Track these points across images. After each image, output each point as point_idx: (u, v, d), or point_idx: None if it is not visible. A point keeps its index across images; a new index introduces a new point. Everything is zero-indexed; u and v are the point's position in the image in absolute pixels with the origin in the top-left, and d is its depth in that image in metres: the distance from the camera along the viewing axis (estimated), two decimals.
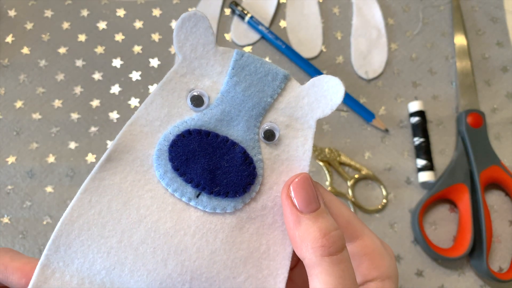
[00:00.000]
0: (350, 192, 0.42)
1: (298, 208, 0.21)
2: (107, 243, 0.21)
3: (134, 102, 0.44)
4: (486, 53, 0.49)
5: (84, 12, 0.47)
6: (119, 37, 0.47)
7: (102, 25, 0.47)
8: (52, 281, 0.20)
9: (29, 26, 0.46)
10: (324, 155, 0.43)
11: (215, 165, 0.22)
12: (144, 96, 0.44)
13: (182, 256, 0.21)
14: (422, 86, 0.47)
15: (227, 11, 0.49)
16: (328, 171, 0.43)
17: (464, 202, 0.41)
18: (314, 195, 0.21)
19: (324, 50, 0.48)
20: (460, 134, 0.44)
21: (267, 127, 0.23)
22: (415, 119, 0.44)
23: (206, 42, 0.22)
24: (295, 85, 0.23)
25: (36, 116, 0.43)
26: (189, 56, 0.22)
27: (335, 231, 0.21)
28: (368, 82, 0.47)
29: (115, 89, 0.45)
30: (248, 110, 0.22)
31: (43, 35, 0.46)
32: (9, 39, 0.45)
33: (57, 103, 0.44)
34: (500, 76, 0.48)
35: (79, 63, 0.45)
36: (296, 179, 0.21)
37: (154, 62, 0.46)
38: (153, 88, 0.45)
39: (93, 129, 0.43)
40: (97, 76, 0.45)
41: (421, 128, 0.44)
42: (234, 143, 0.22)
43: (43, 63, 0.45)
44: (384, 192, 0.43)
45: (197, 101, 0.22)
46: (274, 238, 0.22)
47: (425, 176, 0.42)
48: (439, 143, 0.45)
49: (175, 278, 0.21)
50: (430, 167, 0.43)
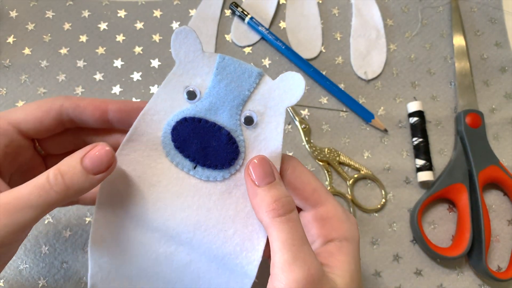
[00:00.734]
0: (349, 191, 0.42)
1: (256, 182, 0.26)
2: (136, 206, 0.28)
3: None
4: (485, 53, 0.49)
5: (85, 13, 0.47)
6: (120, 37, 0.47)
7: (103, 25, 0.47)
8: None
9: (30, 26, 0.46)
10: (324, 155, 0.43)
11: (206, 144, 0.28)
12: (145, 96, 0.45)
13: (186, 212, 0.28)
14: (421, 86, 0.47)
15: (227, 12, 0.49)
16: (328, 171, 0.43)
17: (463, 201, 0.41)
18: (269, 171, 0.26)
19: (323, 50, 0.48)
20: (459, 134, 0.44)
21: (247, 114, 0.28)
22: (414, 119, 0.45)
23: (195, 49, 0.28)
24: (268, 80, 0.29)
25: None
26: (183, 61, 0.28)
27: (284, 197, 0.25)
28: (367, 83, 0.47)
29: (116, 89, 0.45)
30: (230, 101, 0.28)
31: (44, 36, 0.46)
32: (10, 39, 0.46)
33: None
34: (499, 76, 0.48)
35: (80, 63, 0.45)
36: (254, 160, 0.26)
37: (155, 63, 0.46)
38: (154, 88, 0.45)
39: None
40: (98, 76, 0.45)
41: (420, 128, 0.44)
42: (220, 127, 0.28)
43: (44, 63, 0.45)
44: (383, 192, 0.43)
45: (191, 95, 0.28)
46: None
47: (424, 176, 0.43)
48: (438, 143, 0.45)
49: (183, 227, 0.28)
50: (429, 167, 0.43)
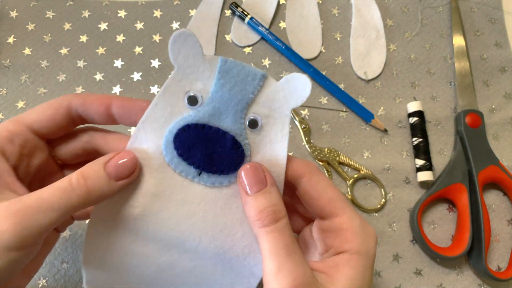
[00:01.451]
0: (349, 191, 0.42)
1: (246, 190, 0.26)
2: (136, 219, 0.27)
3: None
4: (485, 53, 0.49)
5: (86, 13, 0.47)
6: (120, 38, 0.47)
7: (103, 26, 0.47)
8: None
9: (30, 27, 0.46)
10: (324, 155, 0.43)
11: (211, 150, 0.27)
12: (145, 97, 0.45)
13: (191, 219, 0.27)
14: (420, 86, 0.47)
15: (227, 12, 0.49)
16: (328, 171, 0.43)
17: (463, 201, 0.41)
18: (259, 178, 0.26)
19: (323, 51, 0.48)
20: (459, 134, 0.45)
21: (251, 118, 0.28)
22: (413, 119, 0.45)
23: (195, 53, 0.27)
24: (272, 82, 0.28)
25: None
26: (182, 65, 0.27)
27: (271, 207, 0.25)
28: (367, 83, 0.47)
29: (116, 89, 0.45)
30: (234, 105, 0.27)
31: (45, 36, 0.46)
32: (10, 39, 0.46)
33: None
34: (498, 76, 0.48)
35: (80, 63, 0.45)
36: (246, 166, 0.26)
37: (155, 63, 0.46)
38: (154, 88, 0.45)
39: None
40: (98, 76, 0.45)
41: (419, 128, 0.44)
42: (225, 132, 0.27)
43: (44, 63, 0.45)
44: (383, 192, 0.43)
45: (192, 100, 0.27)
46: None
47: (423, 176, 0.43)
48: (438, 143, 0.45)
49: (188, 235, 0.27)
50: (428, 167, 0.43)
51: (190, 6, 0.49)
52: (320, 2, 0.50)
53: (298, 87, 0.27)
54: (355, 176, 0.43)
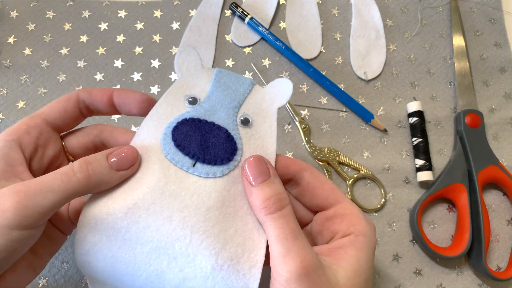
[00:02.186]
0: (349, 191, 0.42)
1: (251, 181, 0.28)
2: (127, 214, 0.26)
3: None
4: (484, 53, 0.49)
5: (86, 13, 0.47)
6: (120, 38, 0.47)
7: (104, 26, 0.47)
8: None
9: (31, 27, 0.46)
10: (323, 155, 0.43)
11: (206, 141, 0.29)
12: None
13: (183, 212, 0.27)
14: (420, 86, 0.47)
15: (228, 12, 0.49)
16: (327, 171, 0.43)
17: (462, 201, 0.41)
18: (263, 170, 0.28)
19: (323, 51, 0.48)
20: (458, 134, 0.45)
21: (243, 116, 0.30)
22: (413, 119, 0.45)
23: (196, 64, 0.32)
24: (259, 88, 0.32)
25: None
26: (185, 74, 0.31)
27: (276, 195, 0.27)
28: (367, 83, 0.47)
29: None
30: (228, 103, 0.30)
31: (45, 36, 0.46)
32: (11, 39, 0.46)
33: None
34: (498, 76, 0.48)
35: (80, 63, 0.46)
36: (250, 159, 0.28)
37: (155, 63, 0.46)
38: (154, 88, 0.45)
39: None
40: (98, 76, 0.45)
41: (419, 128, 0.44)
42: (219, 126, 0.29)
43: (45, 63, 0.45)
44: (382, 192, 0.43)
45: (192, 100, 0.30)
46: None
47: (423, 176, 0.43)
48: (438, 143, 0.45)
49: (179, 231, 0.26)
50: (428, 166, 0.43)
51: (190, 6, 0.49)
52: (320, 2, 0.50)
53: (281, 89, 0.31)
54: (355, 176, 0.43)
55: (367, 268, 0.27)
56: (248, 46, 0.48)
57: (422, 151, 0.44)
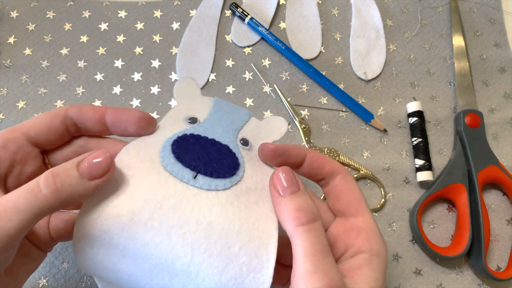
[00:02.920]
0: None
1: (280, 192, 0.26)
2: (123, 229, 0.24)
3: (135, 102, 0.45)
4: (484, 54, 0.49)
5: (86, 13, 0.48)
6: (120, 38, 0.47)
7: (104, 26, 0.47)
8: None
9: (31, 27, 0.47)
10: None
11: (208, 154, 0.27)
12: (145, 97, 0.45)
13: (183, 228, 0.24)
14: (420, 86, 0.47)
15: (228, 13, 0.49)
16: None
17: (462, 201, 0.41)
18: (292, 181, 0.26)
19: (323, 51, 0.48)
20: (458, 134, 0.45)
21: (242, 137, 0.31)
22: (413, 119, 0.45)
23: (195, 91, 0.33)
24: (255, 120, 0.33)
25: None
26: (184, 100, 0.32)
27: (308, 207, 0.25)
28: (367, 83, 0.47)
29: (117, 89, 0.45)
30: (227, 126, 0.31)
31: (45, 36, 0.46)
32: (11, 40, 0.46)
33: (59, 103, 0.44)
34: (498, 76, 0.48)
35: (80, 64, 0.46)
36: (279, 171, 0.27)
37: (155, 63, 0.46)
38: (154, 88, 0.45)
39: None
40: (98, 77, 0.45)
41: (419, 128, 0.44)
42: (220, 143, 0.29)
43: (45, 63, 0.45)
44: (382, 192, 0.43)
45: (192, 120, 0.30)
46: (261, 214, 0.26)
47: (423, 176, 0.43)
48: (437, 143, 0.45)
49: (179, 249, 0.24)
50: (428, 166, 0.43)
51: (191, 7, 0.49)
52: (320, 2, 0.50)
53: (276, 126, 0.33)
54: (355, 176, 0.43)
55: (382, 286, 0.26)
56: (248, 46, 0.48)
57: (422, 151, 0.44)
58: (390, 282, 0.41)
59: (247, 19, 0.48)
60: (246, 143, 0.30)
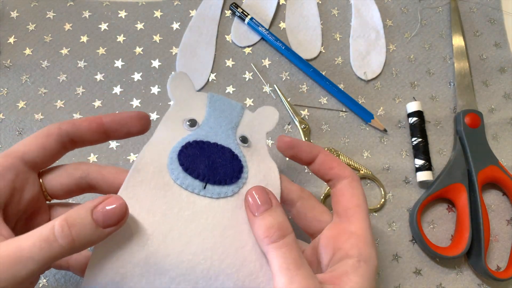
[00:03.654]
0: None
1: (253, 212, 0.27)
2: (144, 245, 0.25)
3: (135, 102, 0.45)
4: (484, 54, 0.49)
5: (86, 14, 0.48)
6: (120, 38, 0.47)
7: (104, 26, 0.47)
8: None
9: (31, 27, 0.47)
10: None
11: (213, 162, 0.29)
12: (145, 97, 0.45)
13: (201, 236, 0.26)
14: (420, 86, 0.48)
15: (228, 13, 0.49)
16: None
17: (462, 201, 0.41)
18: (264, 200, 0.28)
19: (323, 51, 0.48)
20: (458, 134, 0.45)
21: (241, 135, 0.32)
22: (413, 119, 0.45)
23: (189, 89, 0.32)
24: (249, 112, 0.34)
25: (39, 116, 0.43)
26: (179, 99, 0.32)
27: (277, 224, 0.27)
28: (367, 83, 0.47)
29: (117, 89, 0.45)
30: (225, 125, 0.32)
31: (45, 36, 0.46)
32: (11, 40, 0.46)
33: (59, 103, 0.44)
34: (498, 76, 0.49)
35: (81, 64, 0.46)
36: (252, 191, 0.28)
37: (156, 63, 0.46)
38: (154, 89, 0.45)
39: None
40: (99, 77, 0.45)
41: (419, 128, 0.44)
42: (223, 146, 0.30)
43: (45, 63, 0.45)
44: (382, 192, 0.43)
45: (192, 123, 0.31)
46: None
47: (423, 176, 0.43)
48: (437, 143, 0.45)
49: (199, 255, 0.26)
50: (428, 166, 0.43)
51: (191, 7, 0.49)
52: (320, 2, 0.50)
53: (268, 116, 0.33)
54: None
55: None
56: (248, 46, 0.48)
57: (422, 151, 0.44)
58: (390, 282, 0.41)
59: (247, 19, 0.48)
60: (245, 140, 0.31)
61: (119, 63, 0.46)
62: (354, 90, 0.47)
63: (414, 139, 0.44)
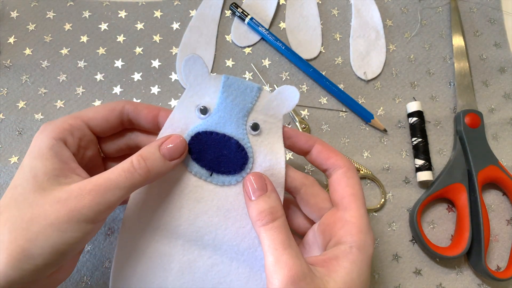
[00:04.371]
0: None
1: (249, 196, 0.30)
2: (161, 216, 0.31)
3: None
4: (484, 54, 0.49)
5: (86, 14, 0.48)
6: (120, 38, 0.47)
7: (104, 26, 0.47)
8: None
9: (31, 27, 0.47)
10: None
11: (219, 153, 0.32)
12: (145, 97, 0.45)
13: (207, 214, 0.31)
14: (420, 86, 0.48)
15: (228, 13, 0.49)
16: None
17: (462, 201, 0.41)
18: (260, 186, 0.30)
19: (323, 51, 0.48)
20: (458, 134, 0.45)
21: (252, 122, 0.32)
22: (413, 119, 0.45)
23: (203, 72, 0.32)
24: (266, 93, 0.33)
25: (38, 116, 0.43)
26: (193, 83, 0.32)
27: (269, 209, 0.29)
28: (367, 83, 0.47)
29: (117, 89, 0.45)
30: (237, 113, 0.32)
31: (45, 36, 0.46)
32: (11, 40, 0.46)
33: (59, 103, 0.44)
34: (498, 76, 0.49)
35: (81, 64, 0.46)
36: (250, 176, 0.31)
37: (156, 63, 0.46)
38: (154, 89, 0.45)
39: None
40: (99, 77, 0.45)
41: (419, 128, 0.44)
42: (230, 137, 0.32)
43: (45, 63, 0.45)
44: (382, 192, 0.43)
45: (203, 111, 0.32)
46: None
47: (423, 176, 0.43)
48: (437, 143, 0.45)
49: (205, 229, 0.31)
50: (428, 166, 0.43)
51: (191, 7, 0.49)
52: (320, 2, 0.50)
53: (288, 96, 0.33)
54: None
55: (360, 282, 0.27)
56: (248, 46, 0.48)
57: (422, 151, 0.44)
58: (390, 282, 0.41)
59: (247, 19, 0.48)
60: (255, 128, 0.32)
61: (119, 63, 0.46)
62: (354, 90, 0.47)
63: (414, 139, 0.44)
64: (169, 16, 0.48)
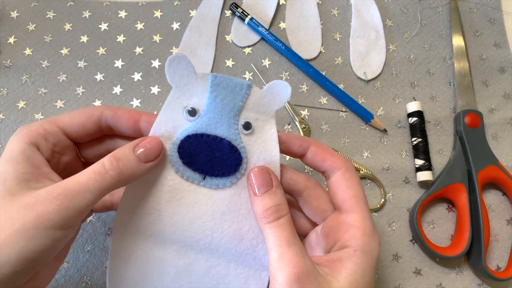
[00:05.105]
0: None
1: (255, 192, 0.29)
2: (153, 224, 0.30)
3: (135, 102, 0.45)
4: (484, 54, 0.49)
5: (86, 14, 0.48)
6: (120, 38, 0.47)
7: (104, 26, 0.47)
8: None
9: (31, 27, 0.47)
10: None
11: (211, 156, 0.30)
12: (145, 97, 0.45)
13: (202, 219, 0.30)
14: (420, 86, 0.48)
15: (228, 13, 0.49)
16: None
17: (462, 201, 0.42)
18: (266, 181, 0.29)
19: (323, 51, 0.48)
20: (458, 134, 0.45)
21: (244, 121, 0.31)
22: (413, 119, 0.45)
23: (188, 72, 0.30)
24: (257, 90, 0.31)
25: (39, 116, 0.43)
26: (179, 84, 0.31)
27: (274, 206, 0.29)
28: (367, 83, 0.47)
29: (117, 89, 0.45)
30: (227, 113, 0.31)
31: (45, 36, 0.46)
32: (11, 40, 0.46)
33: (59, 103, 0.44)
34: (498, 76, 0.49)
35: (81, 64, 0.46)
36: (255, 169, 0.30)
37: (155, 63, 0.46)
38: (154, 89, 0.45)
39: None
40: (99, 77, 0.45)
41: (419, 128, 0.44)
42: (221, 139, 0.30)
43: (45, 63, 0.45)
44: (382, 192, 0.43)
45: (191, 113, 0.30)
46: None
47: (423, 176, 0.43)
48: (437, 143, 0.45)
49: (201, 233, 0.30)
50: (428, 166, 0.43)
51: (191, 7, 0.49)
52: (320, 2, 0.50)
53: (279, 91, 0.31)
54: None
55: (364, 283, 0.27)
56: (248, 47, 0.48)
57: (422, 151, 0.44)
58: (390, 282, 0.41)
59: (247, 19, 0.48)
60: (247, 127, 0.31)
61: (119, 63, 0.46)
62: (354, 90, 0.47)
63: (414, 139, 0.44)
64: (169, 16, 0.48)
